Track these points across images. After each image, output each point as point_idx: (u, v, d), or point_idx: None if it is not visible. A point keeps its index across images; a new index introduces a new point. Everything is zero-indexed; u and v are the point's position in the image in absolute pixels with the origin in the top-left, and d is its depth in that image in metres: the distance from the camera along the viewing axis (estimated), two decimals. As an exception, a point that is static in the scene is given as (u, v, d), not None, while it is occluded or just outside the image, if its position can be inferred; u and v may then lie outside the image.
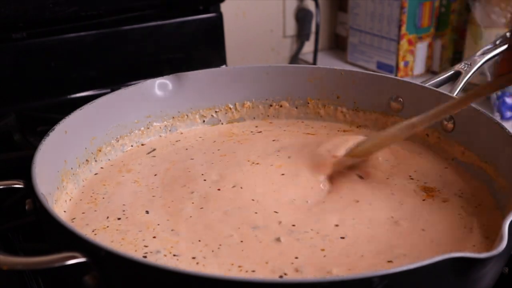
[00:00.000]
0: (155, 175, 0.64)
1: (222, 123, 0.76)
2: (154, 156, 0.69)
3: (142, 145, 0.71)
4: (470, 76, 0.70)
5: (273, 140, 0.71)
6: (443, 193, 0.60)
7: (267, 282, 0.40)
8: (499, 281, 0.49)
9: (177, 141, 0.72)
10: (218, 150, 0.69)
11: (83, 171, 0.64)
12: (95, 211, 0.58)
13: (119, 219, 0.56)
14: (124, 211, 0.58)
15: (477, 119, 0.62)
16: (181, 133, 0.74)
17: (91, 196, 0.61)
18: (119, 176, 0.64)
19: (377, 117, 0.73)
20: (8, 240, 0.66)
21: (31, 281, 0.59)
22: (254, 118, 0.77)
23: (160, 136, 0.73)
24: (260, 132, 0.74)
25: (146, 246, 0.52)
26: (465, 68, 0.70)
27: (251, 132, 0.74)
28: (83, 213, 0.58)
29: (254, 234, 0.53)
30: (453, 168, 0.65)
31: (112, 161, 0.68)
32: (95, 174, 0.65)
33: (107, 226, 0.55)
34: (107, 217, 0.57)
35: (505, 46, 0.58)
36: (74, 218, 0.57)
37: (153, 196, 0.60)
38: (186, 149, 0.70)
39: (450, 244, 0.52)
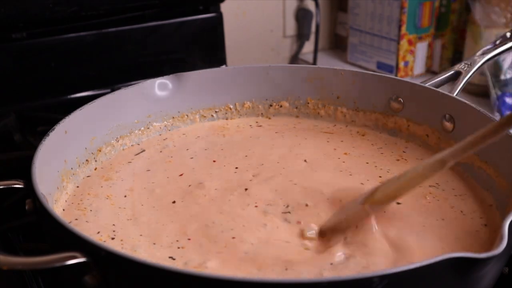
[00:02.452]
0: (125, 196, 0.61)
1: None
2: (130, 162, 0.67)
3: (138, 144, 0.71)
4: (470, 76, 0.70)
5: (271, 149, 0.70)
6: (442, 193, 0.60)
7: (267, 282, 0.40)
8: (499, 281, 0.49)
9: (164, 139, 0.71)
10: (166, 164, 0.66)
11: (83, 171, 0.64)
12: (86, 221, 0.56)
13: (112, 239, 0.54)
14: (114, 231, 0.55)
15: (477, 119, 0.62)
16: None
17: (79, 204, 0.59)
18: (98, 186, 0.62)
19: (377, 117, 0.73)
20: (8, 240, 0.66)
21: (31, 281, 0.59)
22: (254, 118, 0.77)
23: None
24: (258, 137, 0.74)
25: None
26: (465, 68, 0.70)
27: (250, 126, 0.74)
28: (76, 219, 0.56)
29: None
30: (452, 168, 0.65)
31: (105, 163, 0.66)
32: (88, 176, 0.64)
33: (105, 241, 0.53)
34: (98, 232, 0.55)
35: (506, 46, 0.55)
36: (69, 223, 0.55)
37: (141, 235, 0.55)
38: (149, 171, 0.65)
39: (450, 244, 0.52)
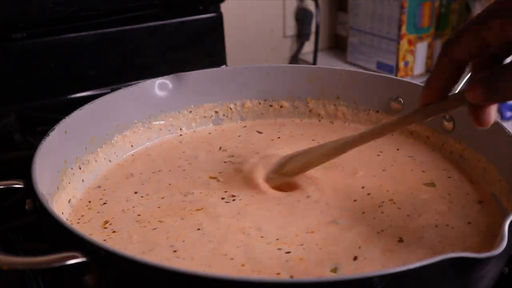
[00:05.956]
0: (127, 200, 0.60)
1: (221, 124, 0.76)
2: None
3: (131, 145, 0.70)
4: (470, 76, 0.69)
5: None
6: (442, 193, 0.60)
7: (267, 282, 0.40)
8: (499, 281, 0.49)
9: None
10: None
11: (83, 172, 0.64)
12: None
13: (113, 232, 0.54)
14: None
15: (477, 119, 0.62)
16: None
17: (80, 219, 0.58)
18: (98, 204, 0.60)
19: (378, 117, 0.73)
20: (8, 240, 0.66)
21: (31, 281, 0.59)
22: (254, 118, 0.77)
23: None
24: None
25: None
26: (465, 68, 0.70)
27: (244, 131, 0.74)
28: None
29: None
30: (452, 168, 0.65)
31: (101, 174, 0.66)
32: (82, 187, 0.63)
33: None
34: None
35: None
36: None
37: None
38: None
39: (451, 244, 0.52)
